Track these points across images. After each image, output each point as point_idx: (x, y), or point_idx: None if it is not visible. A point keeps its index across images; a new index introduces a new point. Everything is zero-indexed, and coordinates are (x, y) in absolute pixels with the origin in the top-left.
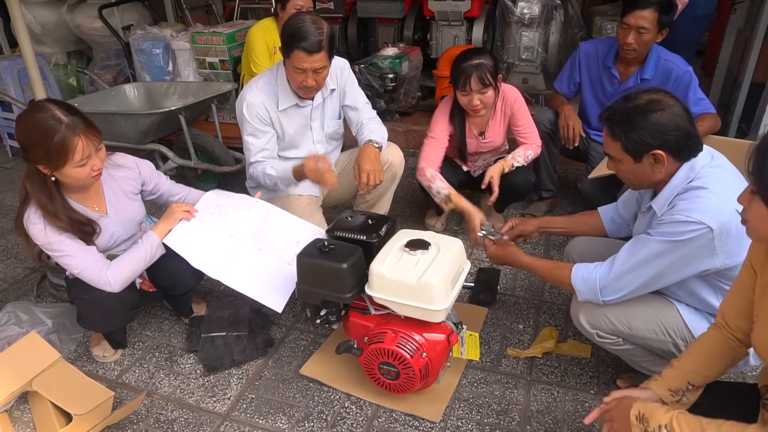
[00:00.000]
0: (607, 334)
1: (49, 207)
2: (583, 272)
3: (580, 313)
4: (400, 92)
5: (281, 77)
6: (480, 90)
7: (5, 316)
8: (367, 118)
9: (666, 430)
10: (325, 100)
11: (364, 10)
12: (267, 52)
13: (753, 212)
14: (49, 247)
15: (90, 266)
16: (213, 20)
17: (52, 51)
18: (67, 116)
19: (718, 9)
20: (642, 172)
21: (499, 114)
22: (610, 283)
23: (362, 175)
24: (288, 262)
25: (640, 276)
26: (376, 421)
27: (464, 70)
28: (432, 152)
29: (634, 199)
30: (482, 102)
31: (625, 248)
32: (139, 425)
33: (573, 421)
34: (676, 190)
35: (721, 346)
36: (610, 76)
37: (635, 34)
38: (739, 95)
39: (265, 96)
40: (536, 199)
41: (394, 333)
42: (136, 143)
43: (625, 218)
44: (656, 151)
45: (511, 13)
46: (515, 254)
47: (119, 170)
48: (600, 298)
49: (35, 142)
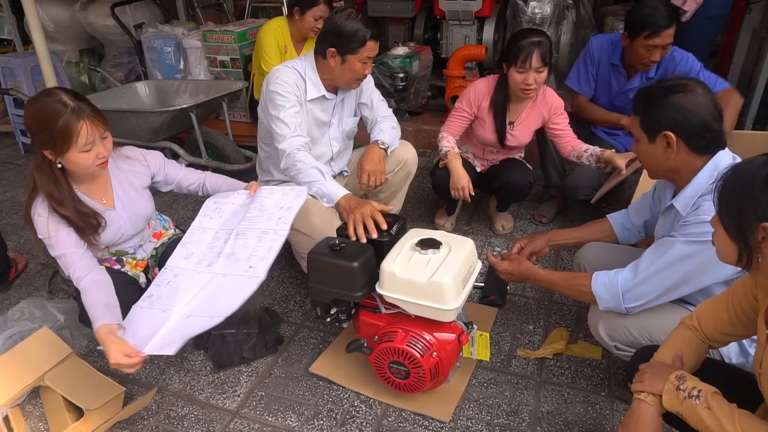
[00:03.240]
0: (626, 347)
1: (56, 195)
2: (604, 279)
3: (599, 324)
4: (410, 92)
5: (310, 68)
6: (538, 68)
7: (19, 311)
8: (381, 116)
9: (696, 394)
10: (344, 97)
11: (374, 9)
12: (278, 51)
13: (717, 235)
14: (47, 241)
15: (74, 268)
16: (224, 19)
17: (64, 49)
18: (73, 101)
19: (733, 9)
20: (655, 154)
21: (536, 111)
22: (633, 288)
23: (363, 175)
24: (274, 230)
25: (665, 280)
26: (385, 420)
27: (525, 47)
28: (453, 123)
29: (647, 205)
30: (536, 82)
31: (648, 252)
32: (149, 421)
33: (583, 422)
34: (701, 189)
35: (698, 346)
36: (618, 74)
37: (661, 51)
38: (754, 97)
39: (296, 80)
40: (546, 199)
41: (404, 332)
42: (147, 141)
43: (636, 225)
44: (667, 132)
45: (522, 13)
46: (530, 269)
47: (128, 163)
48: (623, 306)
49: (41, 126)
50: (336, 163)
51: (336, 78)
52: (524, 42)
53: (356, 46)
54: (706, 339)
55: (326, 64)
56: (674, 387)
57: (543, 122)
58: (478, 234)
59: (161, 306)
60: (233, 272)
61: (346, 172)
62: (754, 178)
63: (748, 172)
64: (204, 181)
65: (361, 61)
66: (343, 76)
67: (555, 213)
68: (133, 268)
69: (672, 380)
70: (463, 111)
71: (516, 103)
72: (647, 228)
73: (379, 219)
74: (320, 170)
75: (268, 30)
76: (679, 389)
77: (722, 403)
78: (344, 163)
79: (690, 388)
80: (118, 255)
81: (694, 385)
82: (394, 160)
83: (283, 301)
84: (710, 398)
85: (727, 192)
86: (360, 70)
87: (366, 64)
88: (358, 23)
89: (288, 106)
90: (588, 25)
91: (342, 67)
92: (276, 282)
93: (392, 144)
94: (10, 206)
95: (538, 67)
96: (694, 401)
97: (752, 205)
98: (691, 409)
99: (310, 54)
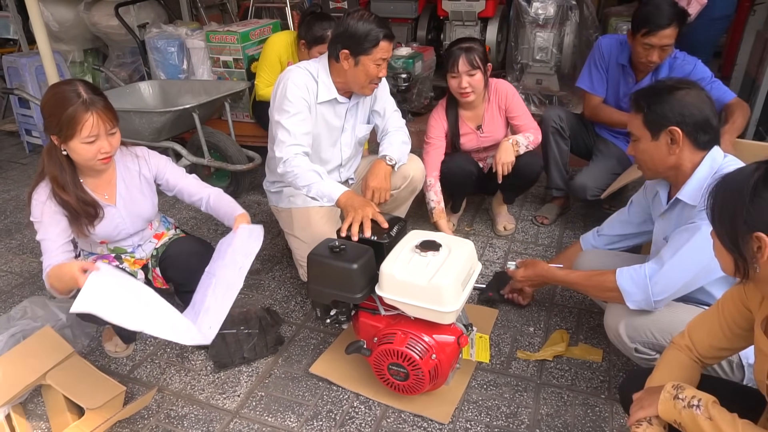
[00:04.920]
0: (647, 349)
1: (59, 179)
2: (630, 272)
3: (620, 324)
4: (413, 92)
5: (323, 71)
6: (468, 72)
7: (21, 310)
8: (393, 127)
9: (697, 404)
10: (358, 103)
11: (377, 9)
12: (277, 65)
13: (716, 247)
14: (37, 225)
15: (47, 255)
16: (227, 19)
17: (69, 48)
18: (87, 93)
19: (737, 10)
20: (658, 152)
21: (494, 107)
22: (660, 278)
23: (367, 192)
24: (235, 283)
25: (691, 266)
26: (384, 422)
27: (453, 53)
28: (432, 159)
29: (641, 209)
30: (471, 85)
31: (670, 243)
32: (149, 420)
33: (583, 425)
34: (705, 180)
35: (692, 368)
36: (626, 75)
37: (659, 52)
38: (757, 98)
39: (308, 82)
40: (548, 201)
41: (403, 334)
42: (150, 141)
43: (612, 236)
44: (673, 128)
45: (525, 14)
46: (547, 270)
47: (136, 163)
48: (651, 299)
49: (51, 110)
50: (345, 170)
51: (350, 81)
52: (453, 49)
53: (369, 46)
54: (699, 358)
55: (340, 68)
56: (671, 396)
57: (504, 112)
58: (479, 235)
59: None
60: (197, 321)
61: (352, 179)
62: (743, 188)
63: (737, 182)
64: (208, 198)
65: (375, 63)
66: (357, 78)
67: (557, 215)
68: (132, 265)
69: (669, 389)
70: (434, 140)
71: (470, 109)
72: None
73: (379, 219)
74: (317, 172)
75: (275, 44)
76: (677, 398)
77: (723, 412)
78: (352, 170)
79: (689, 397)
80: (117, 252)
81: (693, 394)
82: (400, 176)
83: (284, 301)
84: (711, 408)
85: (718, 203)
86: (374, 72)
87: (380, 66)
88: (371, 24)
89: (293, 112)
90: (591, 26)
91: (356, 69)
92: (277, 282)
93: (400, 160)
94: (14, 205)
95: (467, 70)
96: (694, 411)
97: (743, 215)
98: (691, 419)
99: (324, 57)
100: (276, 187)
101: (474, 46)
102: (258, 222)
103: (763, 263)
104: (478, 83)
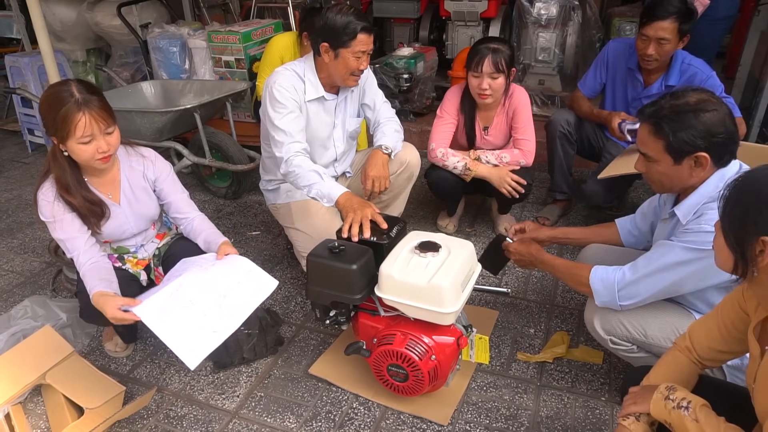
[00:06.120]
0: (622, 341)
1: (63, 180)
2: (602, 273)
3: (595, 318)
4: (415, 92)
5: (309, 69)
6: (491, 74)
7: (22, 309)
8: (384, 117)
9: (686, 405)
10: (347, 97)
11: (380, 9)
12: (278, 65)
13: (717, 241)
14: (51, 225)
15: (78, 252)
16: (230, 19)
17: (71, 48)
18: (81, 93)
19: (741, 10)
20: (678, 175)
21: (505, 113)
22: (628, 286)
23: (367, 181)
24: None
25: (659, 282)
26: (383, 423)
27: (480, 51)
28: (442, 131)
29: (652, 209)
30: (491, 87)
31: (647, 253)
32: (149, 420)
33: (583, 427)
34: (704, 198)
35: (690, 369)
36: (634, 80)
37: (656, 45)
38: (761, 99)
39: (295, 82)
40: (550, 202)
41: (403, 335)
42: (151, 140)
43: (642, 231)
44: (701, 153)
45: (528, 14)
46: (538, 251)
47: (141, 163)
48: (617, 302)
49: (47, 112)
50: (340, 165)
51: (332, 74)
52: (481, 47)
53: (348, 39)
54: (699, 360)
55: (322, 61)
56: (663, 396)
57: (510, 118)
58: (480, 236)
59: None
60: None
61: (348, 173)
62: (761, 189)
63: (758, 182)
64: (193, 219)
65: (355, 56)
66: (337, 71)
67: (558, 216)
68: (134, 266)
69: (662, 390)
70: (447, 116)
71: (485, 110)
72: (653, 232)
73: (379, 220)
74: (318, 172)
75: (278, 44)
76: (668, 399)
77: (710, 415)
78: (348, 164)
79: (680, 399)
80: (120, 252)
81: (684, 396)
82: (397, 162)
83: (284, 302)
84: (698, 410)
85: (732, 200)
86: (354, 65)
87: (360, 59)
88: (350, 16)
89: (285, 112)
90: (594, 27)
91: (336, 62)
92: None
93: (395, 148)
94: (16, 204)
95: (491, 72)
96: (682, 412)
97: (754, 217)
98: (679, 419)
99: (310, 55)
100: (272, 185)
101: (502, 48)
102: (259, 222)
103: (762, 268)
104: (498, 87)
